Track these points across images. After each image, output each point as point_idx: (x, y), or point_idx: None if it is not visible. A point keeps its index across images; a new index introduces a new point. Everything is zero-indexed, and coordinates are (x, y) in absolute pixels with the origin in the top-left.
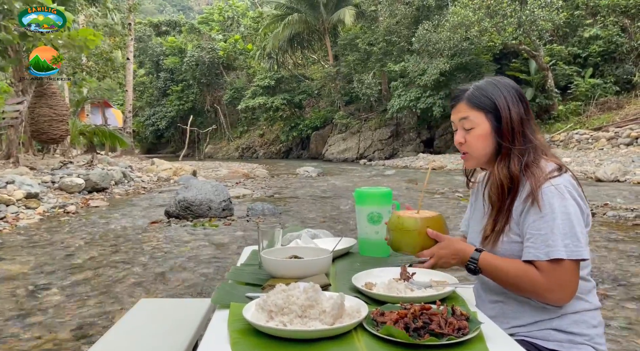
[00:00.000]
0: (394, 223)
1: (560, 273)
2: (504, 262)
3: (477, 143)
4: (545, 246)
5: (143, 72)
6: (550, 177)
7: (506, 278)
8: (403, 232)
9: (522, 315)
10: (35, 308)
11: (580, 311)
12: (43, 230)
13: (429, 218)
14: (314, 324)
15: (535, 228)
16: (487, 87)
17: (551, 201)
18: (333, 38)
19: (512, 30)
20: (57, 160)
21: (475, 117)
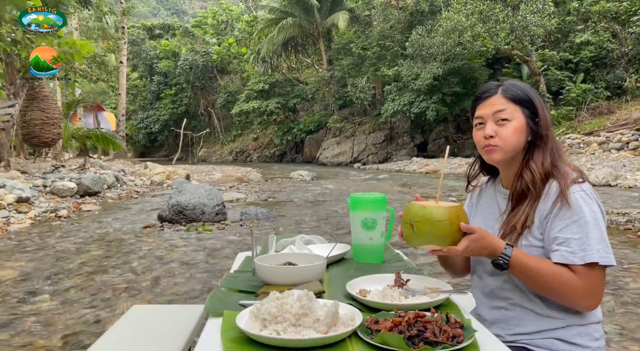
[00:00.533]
0: (419, 213)
1: (594, 278)
2: (536, 261)
3: (511, 136)
4: (580, 251)
5: (136, 76)
6: (578, 182)
7: (537, 278)
8: (432, 223)
9: (526, 323)
10: (26, 313)
11: (585, 324)
12: (34, 235)
13: (456, 207)
14: (308, 332)
15: (569, 232)
16: (520, 84)
17: (582, 205)
18: (327, 42)
19: (504, 36)
20: (48, 164)
21: (512, 110)
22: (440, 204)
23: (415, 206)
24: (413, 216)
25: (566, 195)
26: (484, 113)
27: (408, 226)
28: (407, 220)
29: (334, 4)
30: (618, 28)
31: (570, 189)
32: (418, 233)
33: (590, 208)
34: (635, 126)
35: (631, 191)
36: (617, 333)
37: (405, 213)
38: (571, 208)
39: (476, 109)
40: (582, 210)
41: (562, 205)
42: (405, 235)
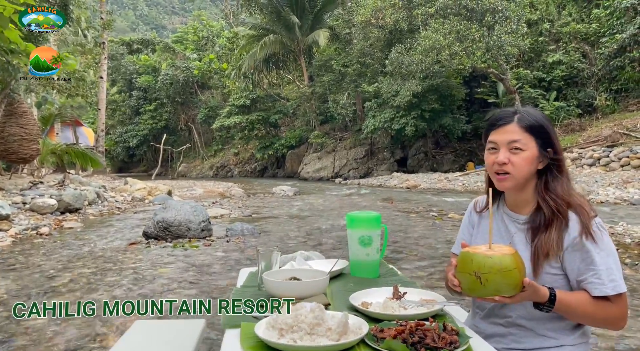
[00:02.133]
0: (486, 264)
1: (624, 304)
2: (575, 299)
3: (524, 165)
4: (610, 282)
5: (115, 90)
6: (595, 215)
7: (582, 314)
8: (504, 273)
9: (522, 340)
10: (19, 332)
11: (577, 344)
12: (17, 253)
13: (516, 252)
14: (321, 340)
15: (598, 264)
16: (534, 113)
17: (603, 238)
18: (308, 59)
19: (480, 54)
20: (25, 180)
21: (527, 140)
22: (506, 251)
23: (477, 255)
24: (479, 268)
25: (590, 229)
26: (498, 139)
27: (472, 278)
28: (469, 272)
29: (315, 21)
30: (588, 48)
31: (592, 223)
32: (487, 284)
33: (609, 239)
34: (606, 143)
35: (603, 206)
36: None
37: (466, 264)
38: (595, 242)
39: (490, 133)
40: (604, 242)
41: (587, 239)
42: (467, 287)
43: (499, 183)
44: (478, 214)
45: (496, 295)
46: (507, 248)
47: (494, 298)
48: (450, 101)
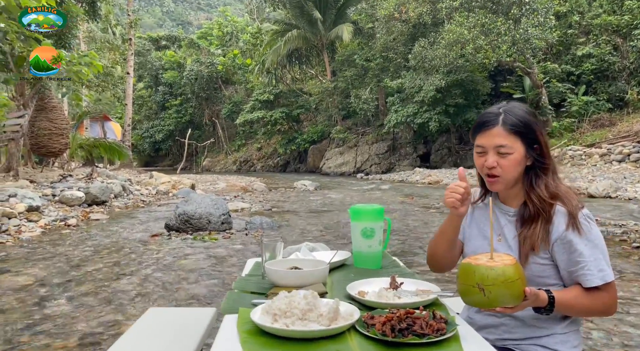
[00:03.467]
0: (489, 276)
1: (614, 290)
2: (572, 296)
3: (512, 168)
4: (598, 272)
5: (142, 86)
6: (582, 206)
7: (579, 309)
8: (507, 284)
9: (515, 331)
10: (44, 317)
11: (566, 332)
12: (46, 243)
13: (517, 262)
14: (312, 325)
15: (585, 256)
16: (517, 111)
17: (591, 229)
18: (331, 54)
19: (506, 48)
20: (56, 173)
21: (513, 143)
22: (508, 262)
23: (480, 267)
24: (482, 280)
25: (577, 222)
26: (485, 143)
27: (476, 290)
28: (472, 284)
29: (338, 16)
30: (619, 41)
31: (579, 215)
32: (490, 296)
33: (596, 232)
34: (637, 139)
35: (630, 203)
36: (607, 339)
37: (468, 275)
38: (582, 234)
39: (477, 136)
40: (592, 233)
41: (574, 231)
42: (470, 299)
43: (491, 186)
44: (472, 205)
45: (499, 306)
46: (509, 258)
47: (496, 309)
48: (474, 96)
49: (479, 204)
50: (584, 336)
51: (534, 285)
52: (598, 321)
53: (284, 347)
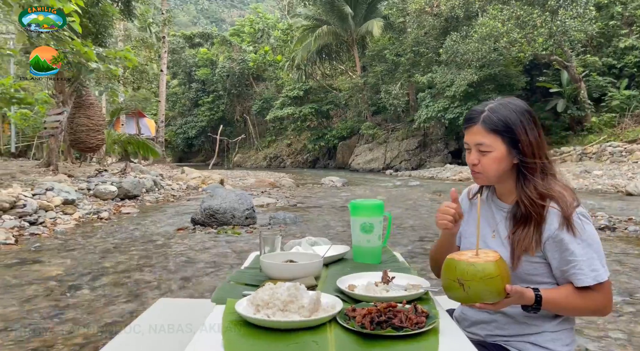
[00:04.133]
0: (469, 272)
1: (608, 291)
2: (561, 295)
3: (491, 165)
4: (591, 271)
5: (176, 83)
6: (577, 205)
7: (568, 308)
8: (486, 280)
9: (507, 327)
10: (68, 305)
11: (558, 331)
12: (78, 235)
13: (500, 258)
14: (293, 316)
15: (578, 255)
16: (502, 110)
17: (585, 228)
18: (361, 49)
19: (542, 41)
20: (93, 168)
21: (491, 142)
22: (490, 259)
23: (461, 263)
24: (462, 275)
25: (571, 221)
26: (468, 140)
27: (456, 285)
28: (453, 278)
29: (369, 11)
30: None
31: (573, 214)
32: (470, 291)
33: (592, 229)
34: None
35: None
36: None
37: (450, 271)
38: (575, 233)
39: (465, 132)
40: (586, 232)
41: (567, 230)
42: (451, 294)
43: (475, 180)
44: (470, 201)
45: (479, 302)
46: (492, 254)
47: (475, 305)
48: (509, 91)
49: (475, 200)
50: (600, 335)
51: (526, 283)
52: (617, 320)
53: (264, 337)
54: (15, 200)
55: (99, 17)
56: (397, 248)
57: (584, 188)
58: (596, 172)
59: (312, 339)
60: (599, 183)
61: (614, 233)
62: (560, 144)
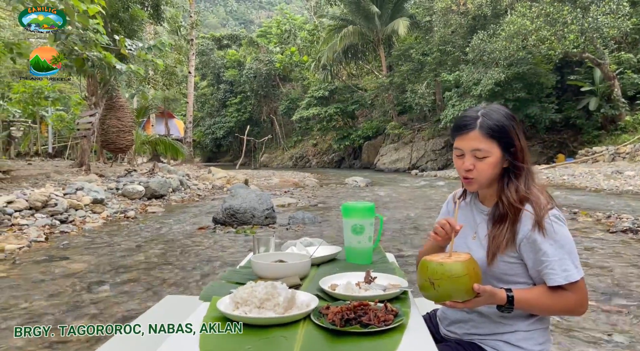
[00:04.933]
0: (438, 271)
1: (581, 291)
2: (533, 295)
3: (487, 170)
4: (562, 271)
5: (205, 84)
6: (551, 207)
7: (541, 308)
8: (453, 280)
9: (481, 326)
10: (89, 302)
11: (531, 330)
12: (104, 233)
13: (470, 259)
14: (267, 313)
15: (550, 255)
16: (495, 116)
17: (558, 229)
18: (387, 49)
19: (573, 38)
20: (123, 168)
21: (489, 147)
22: (459, 259)
23: (432, 263)
24: (432, 274)
25: (542, 223)
26: (463, 146)
27: (428, 284)
28: (425, 278)
29: (395, 10)
30: None
31: (547, 217)
32: (439, 290)
33: (563, 232)
34: None
35: None
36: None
37: (422, 271)
38: (548, 233)
39: (456, 138)
40: (559, 234)
41: (539, 231)
42: (425, 293)
43: (466, 186)
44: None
45: (448, 300)
46: (464, 256)
47: (446, 303)
48: (538, 89)
49: (461, 204)
50: (605, 338)
51: (503, 283)
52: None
53: (239, 334)
54: (47, 199)
55: (128, 22)
56: (412, 249)
57: (614, 189)
58: (628, 173)
59: (281, 334)
60: (630, 183)
61: (636, 235)
62: (592, 144)
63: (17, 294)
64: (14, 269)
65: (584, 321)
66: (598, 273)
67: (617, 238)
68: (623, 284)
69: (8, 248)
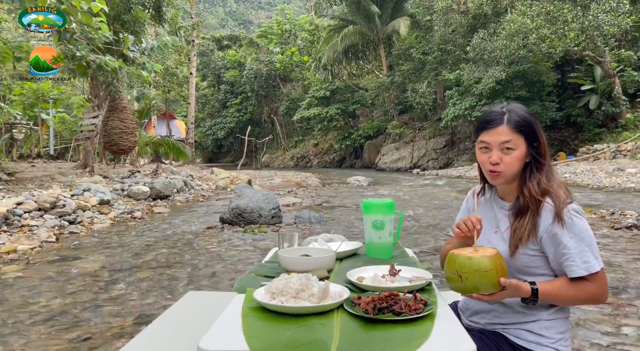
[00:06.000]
0: (466, 265)
1: (601, 280)
2: (556, 287)
3: (514, 164)
4: (582, 263)
5: (206, 85)
6: (570, 201)
7: (564, 299)
8: (481, 273)
9: (503, 316)
10: (106, 299)
11: (552, 319)
12: (113, 233)
13: (497, 254)
14: (303, 303)
15: (570, 248)
16: (521, 112)
17: (578, 222)
18: (387, 48)
19: (574, 36)
20: (126, 169)
21: (517, 140)
22: (487, 254)
23: (460, 257)
24: (460, 268)
25: (562, 216)
26: (490, 140)
27: (456, 277)
28: (453, 270)
29: (395, 10)
30: None
31: (567, 210)
32: (467, 283)
33: (584, 223)
34: None
35: None
36: None
37: (450, 264)
38: (568, 226)
39: (481, 134)
40: (579, 226)
41: (559, 224)
42: (452, 285)
43: (493, 180)
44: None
45: (475, 292)
46: (490, 250)
47: (472, 295)
48: (538, 88)
49: (480, 200)
50: (615, 331)
51: (525, 275)
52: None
53: (278, 321)
54: (56, 200)
55: (131, 24)
56: (414, 248)
57: (616, 186)
58: (630, 170)
59: (319, 322)
60: (632, 180)
61: None
62: (593, 142)
63: (35, 293)
64: (28, 269)
65: (592, 315)
66: (606, 268)
67: (622, 234)
68: (630, 279)
69: (20, 249)
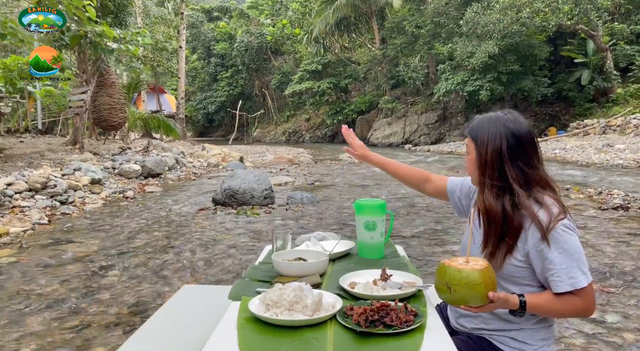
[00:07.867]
0: (455, 277)
1: (588, 295)
2: (544, 300)
3: (470, 167)
4: (568, 279)
5: (195, 58)
6: (560, 219)
7: (551, 313)
8: (470, 286)
9: (491, 322)
10: (101, 286)
11: (536, 328)
12: (105, 214)
13: (487, 268)
14: (297, 315)
15: (556, 264)
16: (482, 120)
17: (567, 238)
18: (380, 21)
19: (567, 10)
20: (116, 145)
21: (470, 145)
22: (476, 267)
23: (450, 268)
24: (450, 279)
25: (548, 236)
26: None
27: (445, 288)
28: (443, 281)
29: None
30: None
31: (555, 228)
32: (456, 295)
33: (572, 241)
34: None
35: None
36: (619, 323)
37: (440, 275)
38: (555, 243)
39: None
40: (567, 243)
41: (546, 241)
42: (441, 295)
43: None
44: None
45: (463, 304)
46: (481, 262)
47: (460, 307)
48: (531, 62)
49: None
50: (598, 319)
51: (512, 284)
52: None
53: (273, 333)
54: (47, 180)
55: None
56: (409, 229)
57: (604, 163)
58: (619, 146)
59: (312, 336)
60: (620, 157)
61: (627, 212)
62: (584, 117)
63: (30, 279)
64: (22, 253)
65: None
66: (592, 253)
67: (608, 216)
68: (615, 263)
69: (13, 231)
